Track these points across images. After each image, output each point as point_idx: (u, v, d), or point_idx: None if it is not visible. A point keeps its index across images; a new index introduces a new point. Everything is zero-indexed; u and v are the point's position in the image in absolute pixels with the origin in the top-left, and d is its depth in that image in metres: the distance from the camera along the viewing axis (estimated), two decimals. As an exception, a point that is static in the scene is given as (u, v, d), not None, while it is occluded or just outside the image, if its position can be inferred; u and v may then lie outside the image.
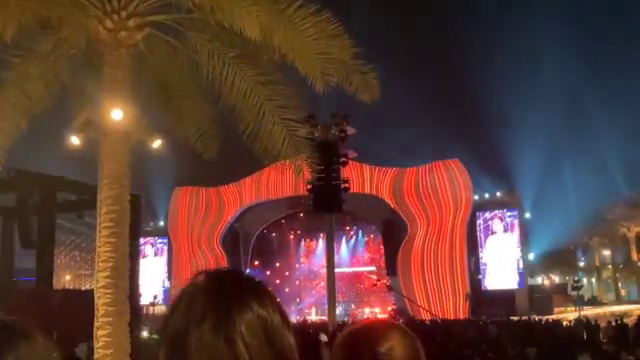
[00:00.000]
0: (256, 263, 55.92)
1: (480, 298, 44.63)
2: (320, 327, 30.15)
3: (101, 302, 8.87)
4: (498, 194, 51.51)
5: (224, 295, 1.23)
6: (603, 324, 26.88)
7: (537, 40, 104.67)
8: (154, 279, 56.39)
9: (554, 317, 40.37)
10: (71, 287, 48.94)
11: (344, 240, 57.40)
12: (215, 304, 1.21)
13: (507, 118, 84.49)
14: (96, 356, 8.80)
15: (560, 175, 72.71)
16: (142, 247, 47.40)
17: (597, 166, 73.66)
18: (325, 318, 38.25)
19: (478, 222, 49.81)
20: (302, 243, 60.19)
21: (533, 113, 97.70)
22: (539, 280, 62.20)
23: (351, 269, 58.01)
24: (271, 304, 1.26)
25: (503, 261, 48.91)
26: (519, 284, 48.39)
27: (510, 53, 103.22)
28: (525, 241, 52.14)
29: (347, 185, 30.36)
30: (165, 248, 56.37)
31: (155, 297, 45.82)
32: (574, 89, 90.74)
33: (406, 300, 43.97)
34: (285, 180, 45.76)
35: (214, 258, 49.75)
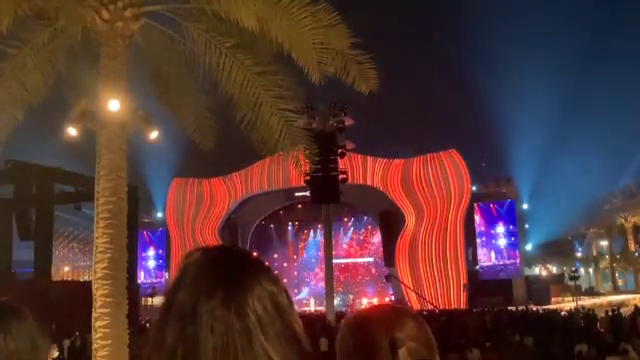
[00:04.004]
0: (254, 254, 55.93)
1: (478, 288, 44.69)
2: (318, 318, 30.26)
3: (99, 293, 8.87)
4: (495, 185, 51.57)
5: (233, 268, 1.21)
6: (600, 314, 26.99)
7: (536, 33, 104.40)
8: (152, 270, 56.52)
9: (552, 307, 40.57)
10: (69, 278, 49.03)
11: (342, 231, 57.43)
12: (224, 277, 1.18)
13: (504, 109, 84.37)
14: (94, 347, 8.81)
15: (557, 166, 72.77)
16: (140, 238, 47.36)
17: (595, 157, 73.73)
18: (323, 309, 38.33)
19: (475, 213, 49.93)
20: (300, 234, 60.20)
21: (531, 103, 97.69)
22: (536, 270, 62.36)
23: (349, 260, 58.08)
24: (279, 282, 1.26)
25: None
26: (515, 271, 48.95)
27: (509, 42, 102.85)
28: (522, 231, 52.21)
29: (345, 176, 30.36)
30: (163, 239, 56.41)
31: (153, 288, 45.84)
32: (572, 80, 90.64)
33: (404, 290, 44.05)
34: (283, 171, 45.73)
35: (212, 249, 49.75)
